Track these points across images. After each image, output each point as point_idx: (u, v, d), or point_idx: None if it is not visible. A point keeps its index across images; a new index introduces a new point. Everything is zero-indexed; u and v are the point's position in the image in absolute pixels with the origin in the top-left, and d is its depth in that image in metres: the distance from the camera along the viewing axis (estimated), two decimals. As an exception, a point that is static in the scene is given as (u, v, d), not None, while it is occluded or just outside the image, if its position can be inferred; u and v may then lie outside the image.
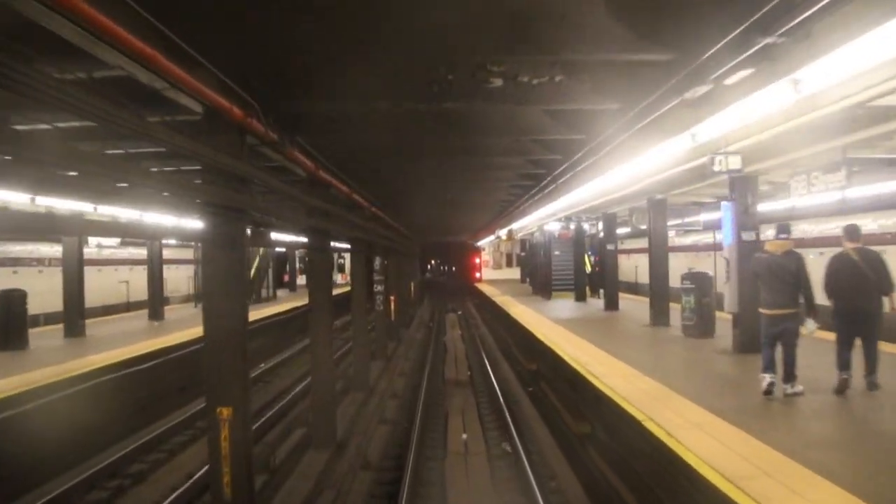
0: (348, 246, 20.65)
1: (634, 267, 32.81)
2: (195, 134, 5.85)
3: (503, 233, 25.70)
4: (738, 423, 6.44)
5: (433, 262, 66.77)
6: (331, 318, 11.17)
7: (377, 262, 19.58)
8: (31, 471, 8.77)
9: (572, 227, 23.69)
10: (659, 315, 14.99)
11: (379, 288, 19.02)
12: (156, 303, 20.29)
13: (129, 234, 17.59)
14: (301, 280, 46.29)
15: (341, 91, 7.03)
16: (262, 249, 28.17)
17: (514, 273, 45.59)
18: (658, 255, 15.21)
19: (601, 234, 24.67)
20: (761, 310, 7.86)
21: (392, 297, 23.23)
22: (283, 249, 37.26)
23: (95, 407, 10.52)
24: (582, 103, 7.56)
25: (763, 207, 13.36)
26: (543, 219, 23.11)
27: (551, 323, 16.89)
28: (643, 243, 33.69)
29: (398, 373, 17.59)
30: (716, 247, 23.72)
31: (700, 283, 12.89)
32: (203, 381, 6.68)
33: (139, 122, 4.53)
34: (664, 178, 11.25)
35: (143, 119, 5.04)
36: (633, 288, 31.54)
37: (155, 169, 8.38)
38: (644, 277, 33.22)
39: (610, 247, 19.60)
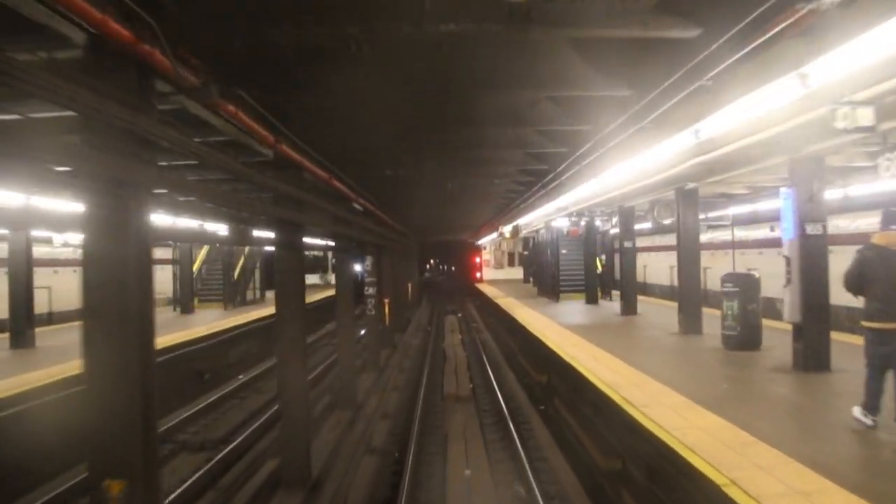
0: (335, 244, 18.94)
1: (643, 266, 30.90)
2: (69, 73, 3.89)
3: (507, 229, 23.75)
4: (866, 490, 4.48)
5: (432, 261, 64.85)
6: (302, 332, 9.05)
7: (368, 261, 17.60)
8: None
9: (583, 223, 21.76)
10: (690, 322, 13.04)
11: (370, 291, 17.03)
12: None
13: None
14: (309, 279, 44.43)
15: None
16: (247, 248, 26.22)
17: (517, 273, 43.65)
18: (689, 254, 13.25)
19: (612, 231, 22.86)
20: (867, 323, 5.91)
21: (386, 301, 21.27)
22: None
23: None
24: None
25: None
26: (550, 215, 21.16)
27: (564, 329, 14.94)
28: (651, 241, 32.33)
29: (391, 386, 15.62)
30: (736, 244, 21.93)
31: (745, 286, 10.94)
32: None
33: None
34: (712, 158, 9.27)
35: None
36: (641, 289, 29.64)
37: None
38: (653, 278, 31.69)
39: (628, 244, 17.64)
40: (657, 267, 30.41)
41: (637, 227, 16.28)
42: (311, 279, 44.67)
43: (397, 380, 16.49)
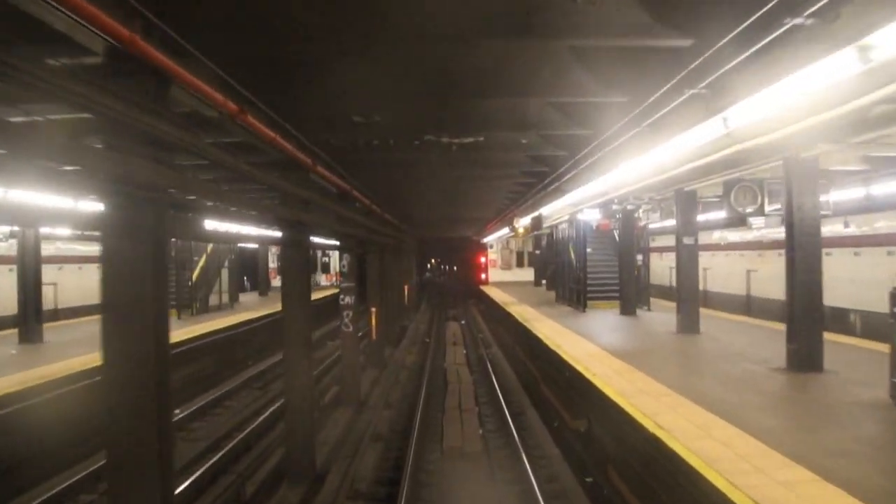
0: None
1: (668, 268, 26.60)
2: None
3: (524, 223, 19.51)
4: None
5: (433, 260, 60.61)
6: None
7: (345, 260, 13.32)
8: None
9: (618, 214, 17.52)
10: (808, 352, 8.81)
11: (347, 300, 12.79)
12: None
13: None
14: (277, 281, 40.30)
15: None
16: (209, 245, 22.02)
17: (526, 274, 39.38)
18: (806, 253, 8.98)
19: (650, 225, 18.66)
20: None
21: (373, 310, 17.08)
22: (256, 245, 31.17)
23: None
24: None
25: None
26: (577, 205, 16.94)
27: (607, 355, 10.76)
28: (708, 237, 28.00)
29: (371, 435, 11.36)
30: (849, 240, 17.44)
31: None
32: None
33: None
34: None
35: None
36: (667, 293, 25.43)
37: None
38: (713, 284, 26.77)
39: (688, 240, 13.38)
40: (719, 271, 25.93)
41: (727, 215, 12.00)
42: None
43: (380, 423, 12.22)
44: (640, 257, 19.66)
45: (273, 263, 41.07)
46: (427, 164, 11.00)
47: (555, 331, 14.53)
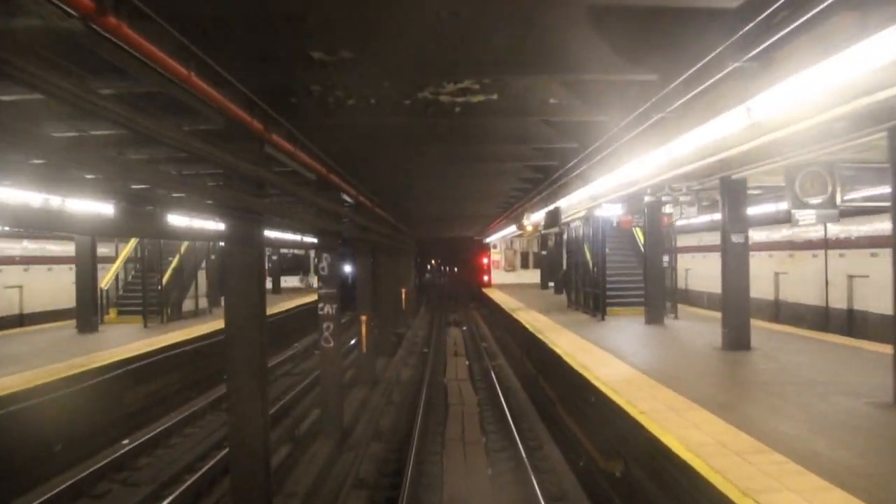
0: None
1: (685, 269, 24.38)
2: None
3: (536, 218, 17.27)
4: None
5: (433, 261, 58.40)
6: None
7: (324, 261, 11.01)
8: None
9: (643, 207, 15.33)
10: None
11: (326, 309, 10.53)
12: None
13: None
14: (287, 282, 38.06)
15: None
16: (183, 244, 19.81)
17: (531, 276, 37.12)
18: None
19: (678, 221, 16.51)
20: None
21: (363, 318, 14.87)
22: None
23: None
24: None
25: None
26: (595, 198, 14.76)
27: (650, 381, 8.58)
28: (702, 238, 25.82)
29: (353, 481, 9.09)
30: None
31: None
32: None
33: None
34: None
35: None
36: (682, 297, 23.21)
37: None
38: (707, 285, 24.07)
39: (737, 238, 11.14)
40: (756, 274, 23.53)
41: (792, 205, 9.77)
42: (290, 281, 38.33)
43: (365, 464, 9.95)
44: (667, 258, 17.46)
45: (266, 263, 38.93)
46: (423, 139, 8.72)
47: (575, 345, 12.31)
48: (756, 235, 20.56)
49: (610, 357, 10.80)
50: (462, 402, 13.71)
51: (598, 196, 14.48)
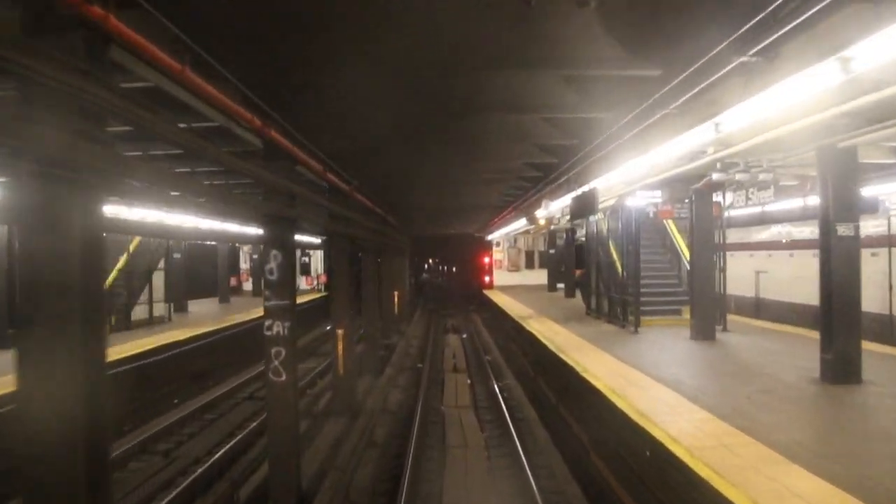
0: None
1: (755, 273, 21.17)
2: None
3: (556, 207, 14.19)
4: None
5: (430, 261, 55.31)
6: None
7: (273, 261, 7.92)
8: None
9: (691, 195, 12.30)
10: None
11: (277, 328, 7.45)
12: None
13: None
14: (249, 285, 34.99)
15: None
16: (134, 240, 16.73)
17: (537, 277, 34.05)
18: None
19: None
20: None
21: (340, 332, 11.81)
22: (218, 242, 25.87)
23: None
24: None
25: None
26: (631, 183, 11.75)
27: (751, 441, 5.55)
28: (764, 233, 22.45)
29: None
30: None
31: None
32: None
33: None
34: None
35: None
36: (746, 305, 20.21)
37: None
38: (786, 292, 20.72)
39: (845, 230, 8.06)
40: (779, 274, 20.51)
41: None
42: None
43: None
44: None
45: (246, 263, 35.83)
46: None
47: (615, 372, 9.26)
48: (795, 233, 17.40)
49: (671, 394, 7.74)
50: (464, 441, 10.63)
51: (635, 180, 11.45)
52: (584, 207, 10.75)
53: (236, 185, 11.44)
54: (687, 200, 12.72)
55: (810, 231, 20.13)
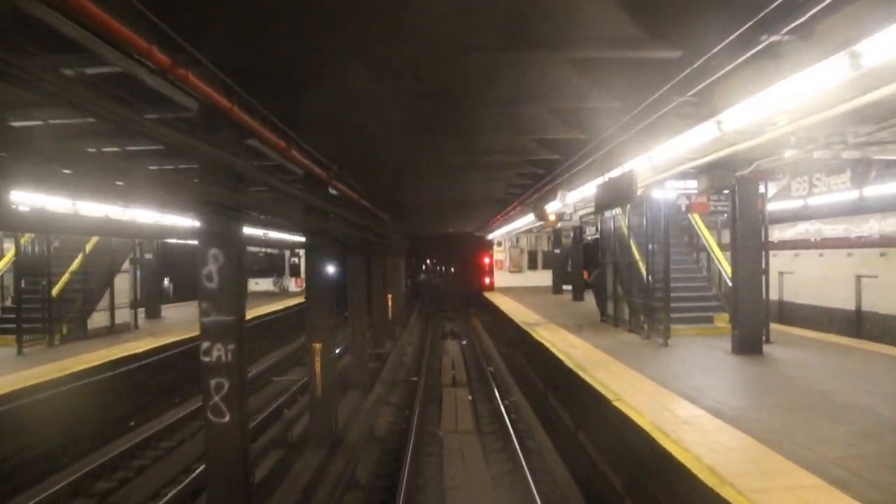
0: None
1: (778, 274, 19.09)
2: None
3: (573, 198, 12.27)
4: None
5: (426, 261, 53.45)
6: None
7: (212, 263, 6.04)
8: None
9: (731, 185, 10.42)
10: None
11: (217, 352, 5.57)
12: None
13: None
14: (259, 285, 33.05)
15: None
16: (92, 240, 14.81)
17: (540, 278, 32.12)
18: None
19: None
20: None
21: (317, 347, 9.90)
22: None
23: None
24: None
25: None
26: (662, 171, 9.82)
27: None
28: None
29: None
30: None
31: None
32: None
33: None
34: None
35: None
36: (793, 312, 18.25)
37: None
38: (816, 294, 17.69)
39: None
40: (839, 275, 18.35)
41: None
42: (263, 284, 33.25)
43: None
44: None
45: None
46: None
47: (655, 402, 7.37)
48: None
49: (744, 439, 5.84)
50: (467, 480, 8.74)
51: (667, 166, 9.53)
52: (615, 195, 8.81)
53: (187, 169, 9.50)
54: (727, 191, 10.83)
55: (843, 228, 18.25)
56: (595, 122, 8.24)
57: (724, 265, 13.40)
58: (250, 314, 20.30)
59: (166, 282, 38.54)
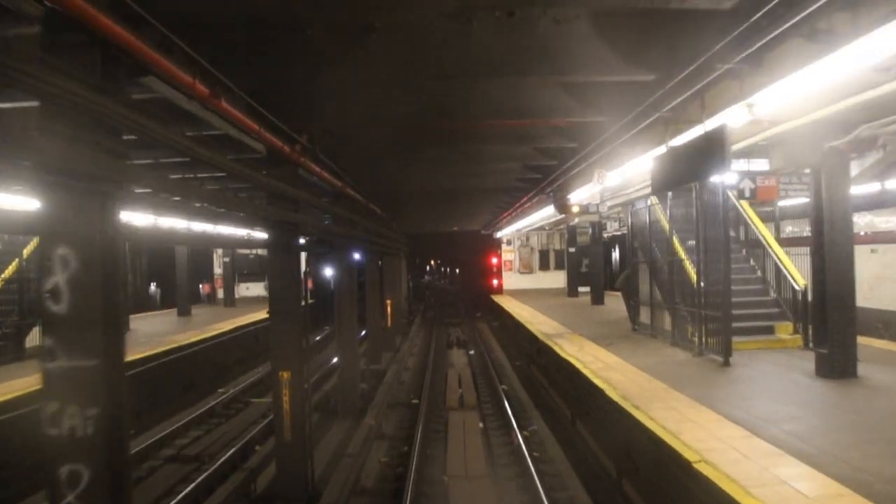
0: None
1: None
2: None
3: (601, 182, 9.93)
4: None
5: (430, 262, 51.17)
6: None
7: (57, 267, 3.85)
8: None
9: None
10: None
11: (66, 422, 3.35)
12: None
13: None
14: (249, 290, 30.82)
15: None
16: (30, 242, 12.57)
17: (552, 280, 29.77)
18: None
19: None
20: None
21: (286, 375, 7.61)
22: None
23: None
24: None
25: None
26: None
27: None
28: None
29: None
30: None
31: None
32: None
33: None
34: None
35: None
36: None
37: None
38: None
39: None
40: None
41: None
42: (254, 289, 30.99)
43: None
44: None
45: (219, 268, 31.56)
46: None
47: (781, 480, 5.05)
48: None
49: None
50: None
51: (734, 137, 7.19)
52: (689, 167, 6.45)
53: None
54: (809, 170, 8.51)
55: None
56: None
57: (787, 264, 11.10)
58: (234, 324, 18.19)
59: (153, 287, 36.62)
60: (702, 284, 10.15)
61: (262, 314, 21.90)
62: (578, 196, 12.16)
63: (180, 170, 9.65)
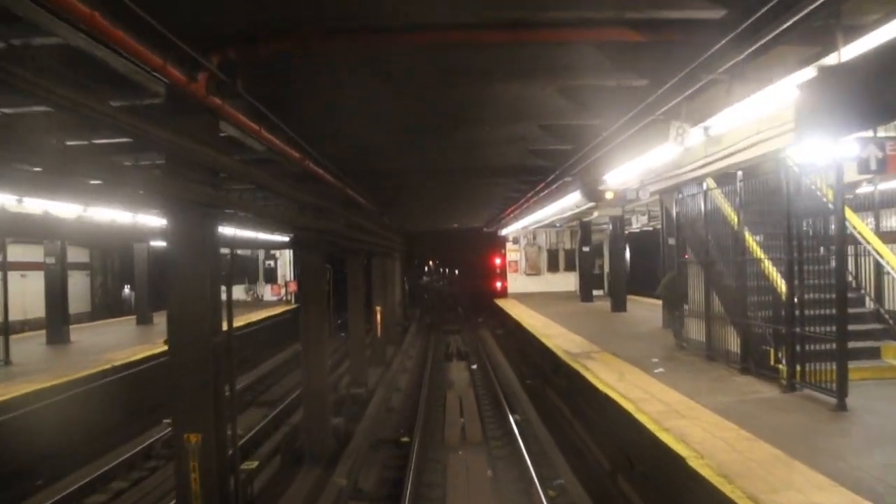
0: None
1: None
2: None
3: (635, 171, 7.24)
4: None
5: (428, 263, 48.40)
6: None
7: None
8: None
9: None
10: None
11: None
12: None
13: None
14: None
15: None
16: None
17: (562, 281, 27.00)
18: None
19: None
20: None
21: (194, 438, 4.88)
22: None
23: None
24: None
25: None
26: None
27: None
28: None
29: None
30: None
31: None
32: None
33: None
34: None
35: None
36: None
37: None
38: None
39: None
40: None
41: None
42: (234, 292, 28.28)
43: None
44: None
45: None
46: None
47: None
48: None
49: None
50: None
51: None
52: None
53: None
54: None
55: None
56: None
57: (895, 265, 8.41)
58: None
59: (126, 290, 33.79)
60: (794, 294, 7.42)
61: (254, 315, 19.24)
62: (616, 179, 9.40)
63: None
